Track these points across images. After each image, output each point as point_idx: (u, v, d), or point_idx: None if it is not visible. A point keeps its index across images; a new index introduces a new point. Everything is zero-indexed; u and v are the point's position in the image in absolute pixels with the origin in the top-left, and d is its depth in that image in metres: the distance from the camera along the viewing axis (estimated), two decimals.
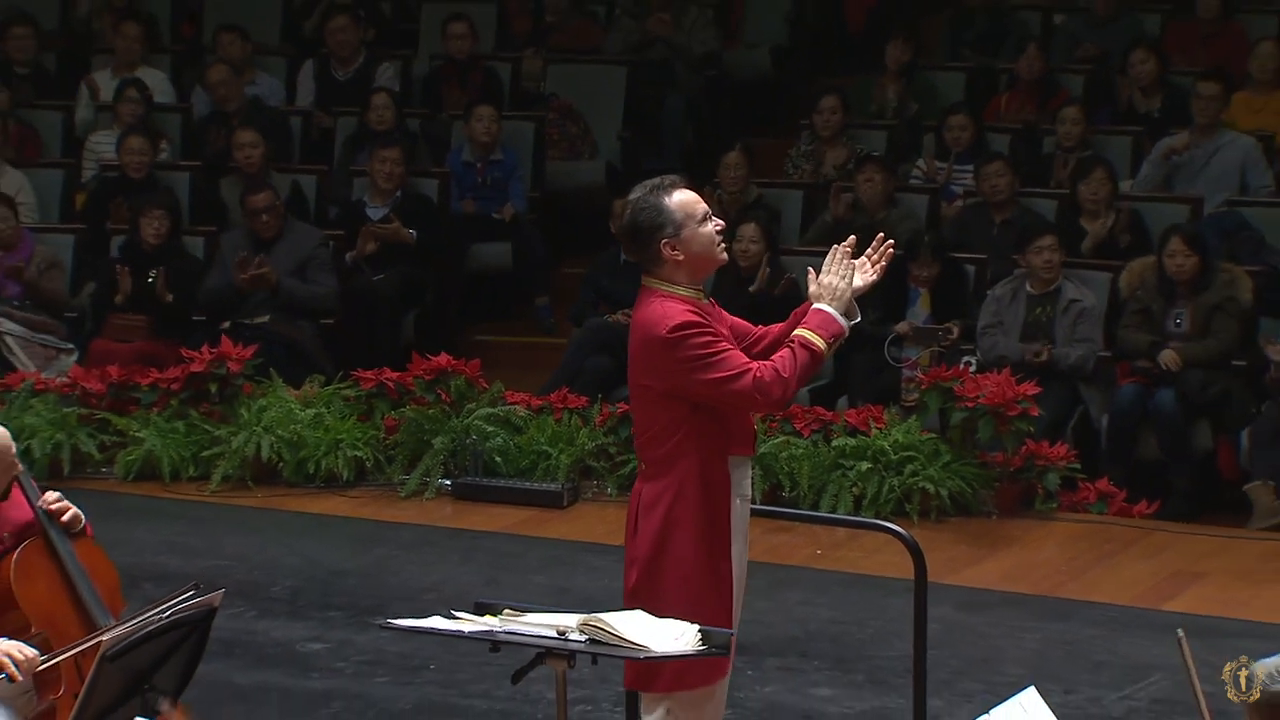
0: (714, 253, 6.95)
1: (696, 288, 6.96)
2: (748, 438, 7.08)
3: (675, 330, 6.82)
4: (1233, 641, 7.68)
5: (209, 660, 7.11)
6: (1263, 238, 12.76)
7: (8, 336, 13.10)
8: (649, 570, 6.93)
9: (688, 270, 6.93)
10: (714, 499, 6.96)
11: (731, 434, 6.98)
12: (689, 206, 6.92)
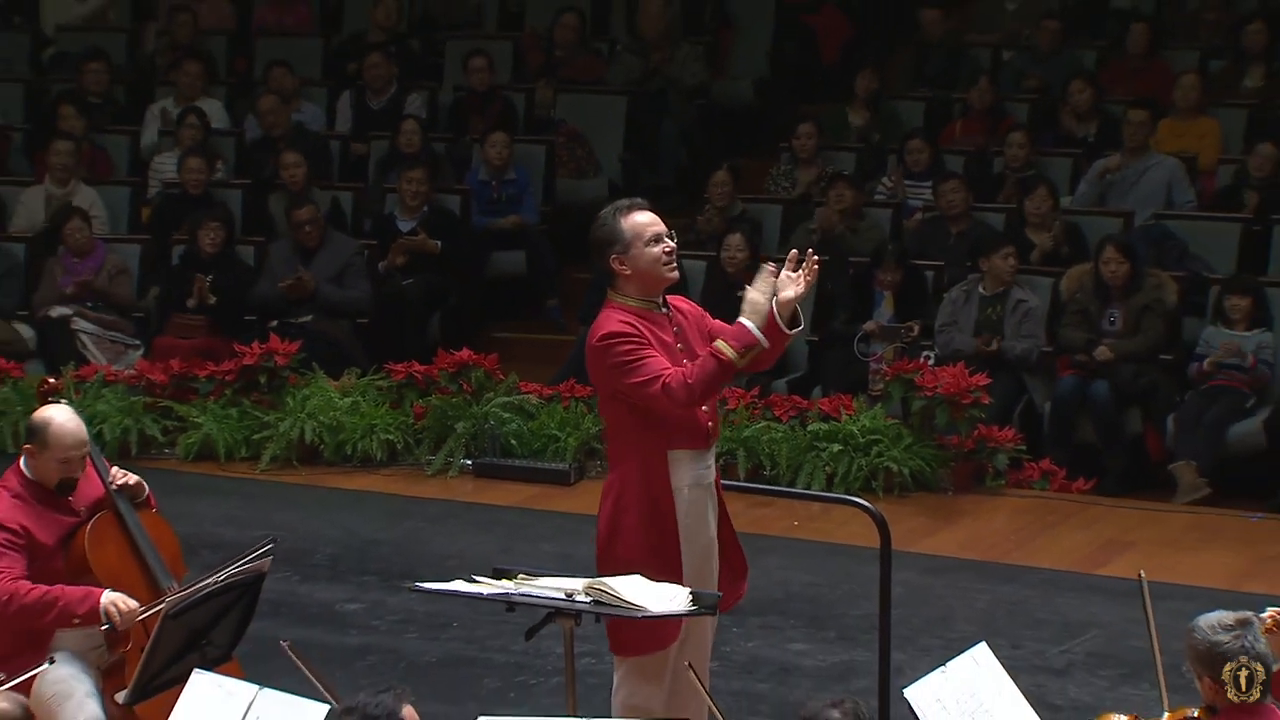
0: (658, 271, 6.95)
1: (648, 300, 6.97)
2: (695, 434, 7.00)
3: (603, 339, 6.89)
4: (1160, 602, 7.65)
5: (258, 619, 7.15)
6: (1186, 247, 12.76)
7: (82, 334, 13.13)
8: (605, 551, 7.00)
9: (636, 284, 6.96)
10: (654, 490, 6.97)
11: (673, 432, 6.97)
12: (639, 228, 6.94)
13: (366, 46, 15.39)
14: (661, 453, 7.00)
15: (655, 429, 6.98)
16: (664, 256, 6.94)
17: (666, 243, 6.95)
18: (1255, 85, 14.17)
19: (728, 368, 6.80)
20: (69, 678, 7.23)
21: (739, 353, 6.79)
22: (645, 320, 6.93)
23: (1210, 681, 5.69)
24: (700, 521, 7.04)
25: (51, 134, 14.42)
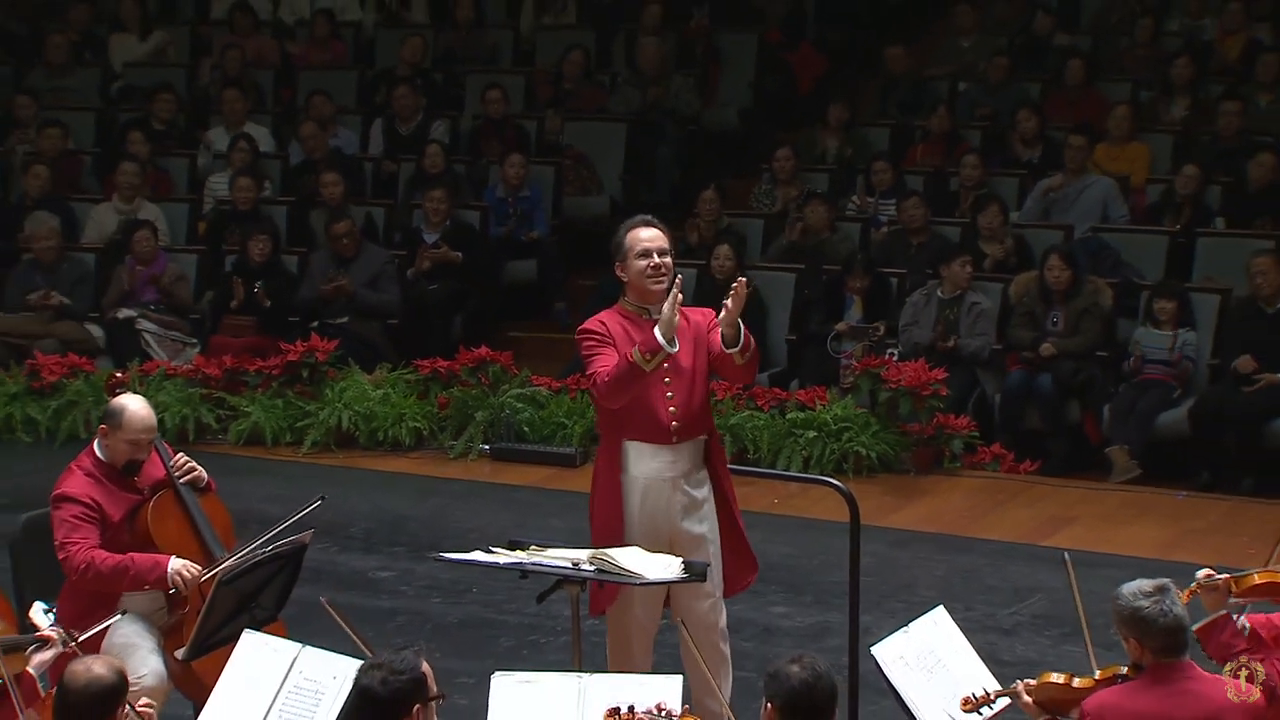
0: (643, 283, 7.01)
1: (642, 306, 7.02)
2: (652, 428, 7.00)
3: (578, 333, 7.09)
4: (1098, 570, 7.67)
5: (301, 585, 7.14)
6: (1120, 256, 12.77)
7: (145, 333, 13.13)
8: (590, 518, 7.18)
9: (632, 291, 7.06)
10: (611, 474, 7.07)
11: (627, 422, 7.01)
12: (634, 241, 7.00)
13: (396, 79, 15.39)
14: (619, 441, 7.07)
15: (614, 417, 7.06)
16: (649, 270, 6.96)
17: (654, 259, 6.96)
18: (1180, 114, 14.17)
19: (634, 369, 6.79)
20: (134, 636, 7.23)
21: (644, 357, 6.77)
22: (630, 323, 6.98)
23: (1135, 642, 5.69)
24: (659, 514, 7.05)
25: (119, 157, 14.45)
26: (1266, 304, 11.69)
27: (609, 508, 7.09)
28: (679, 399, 6.97)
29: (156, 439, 7.47)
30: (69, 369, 12.55)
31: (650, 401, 6.97)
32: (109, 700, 5.45)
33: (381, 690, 5.35)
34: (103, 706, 5.43)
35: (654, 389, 6.94)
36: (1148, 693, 5.65)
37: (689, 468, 7.09)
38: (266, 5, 16.86)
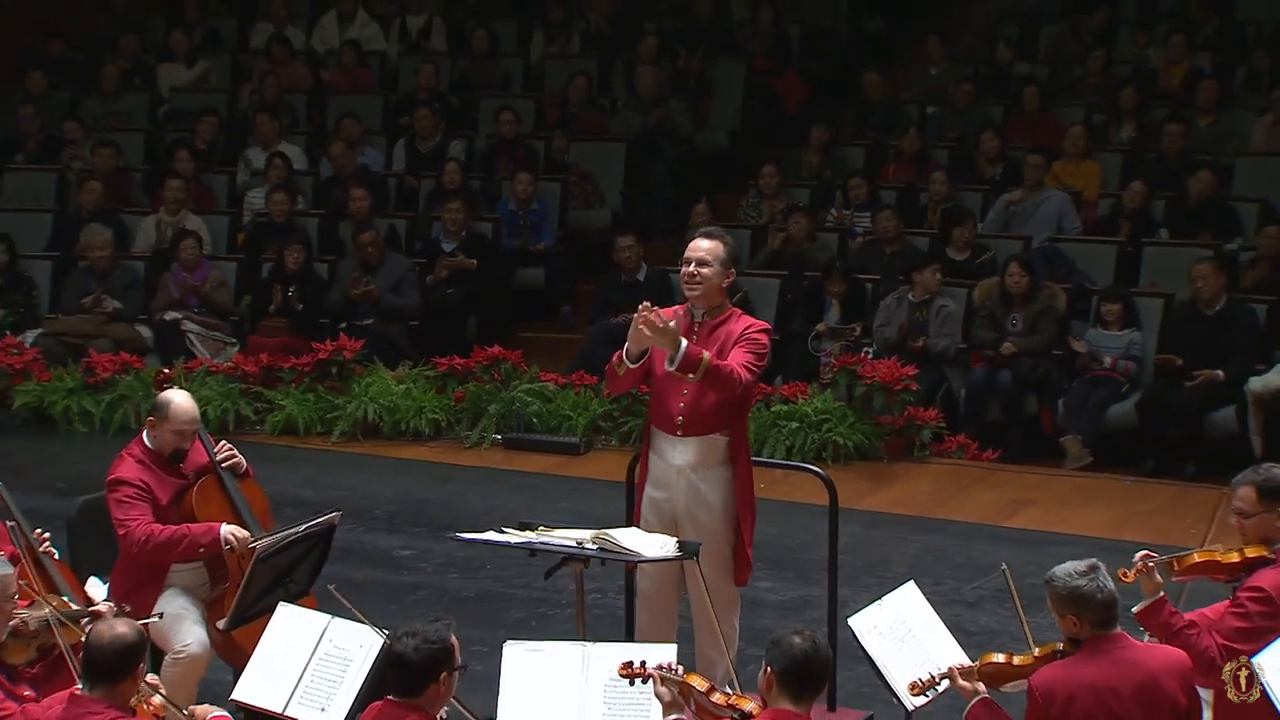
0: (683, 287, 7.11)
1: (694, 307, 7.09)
2: (665, 420, 7.04)
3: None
4: (1053, 548, 7.68)
5: (331, 562, 7.15)
6: (1074, 264, 12.76)
7: (190, 334, 13.12)
8: None
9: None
10: (644, 452, 7.17)
11: (652, 414, 7.13)
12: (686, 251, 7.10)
13: (417, 103, 15.38)
14: (649, 425, 7.16)
15: (649, 405, 7.22)
16: (684, 277, 7.07)
17: (689, 266, 7.02)
18: (1128, 136, 14.17)
19: (612, 369, 6.96)
20: (180, 608, 7.24)
21: (617, 361, 6.88)
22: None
23: (1073, 618, 5.68)
24: (665, 494, 7.07)
25: (166, 174, 14.44)
26: (1205, 306, 11.68)
27: (640, 479, 7.19)
28: (690, 398, 6.94)
29: (200, 429, 7.48)
30: (121, 366, 12.54)
31: (666, 396, 7.00)
32: (129, 656, 5.48)
33: (414, 656, 5.39)
34: (123, 661, 5.46)
35: (673, 385, 6.93)
36: (1089, 663, 5.64)
37: (697, 461, 7.04)
38: (300, 36, 16.84)
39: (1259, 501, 6.20)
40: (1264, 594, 5.99)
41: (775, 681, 5.37)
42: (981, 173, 14.07)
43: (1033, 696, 5.63)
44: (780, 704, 5.36)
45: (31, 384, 12.58)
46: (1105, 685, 5.56)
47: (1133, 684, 5.59)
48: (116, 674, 5.43)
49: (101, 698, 5.43)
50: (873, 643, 6.33)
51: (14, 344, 12.93)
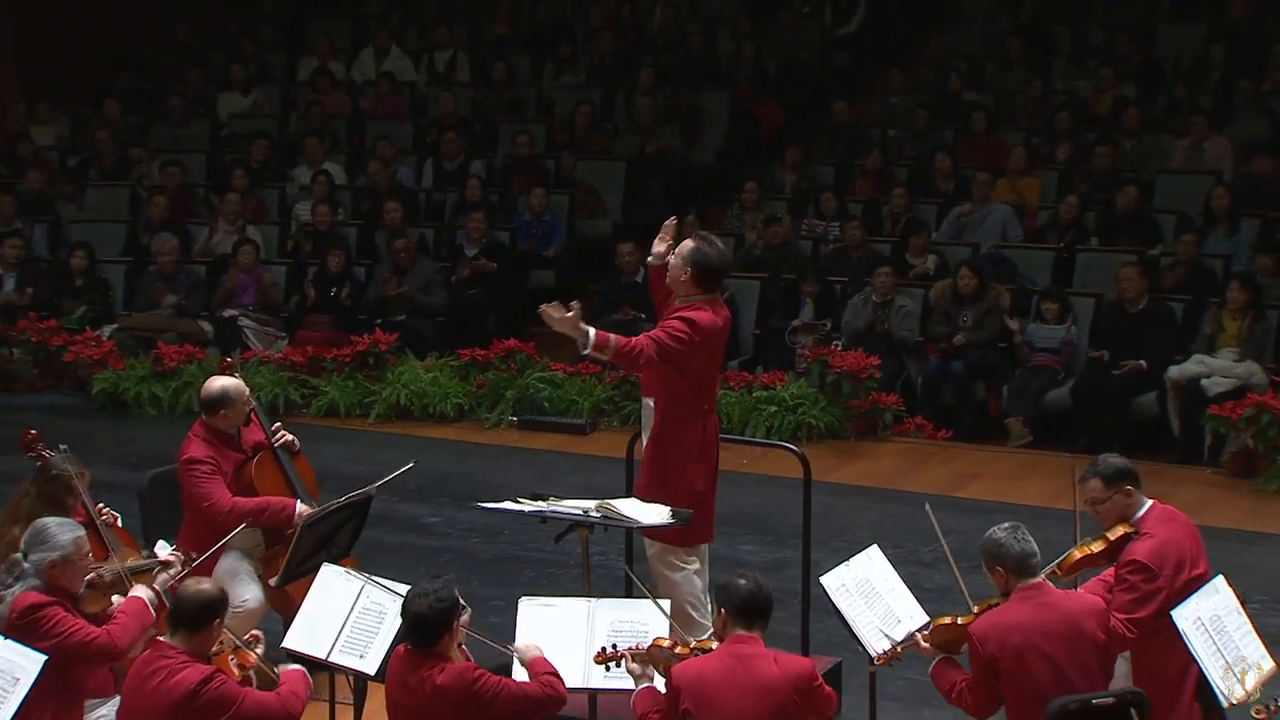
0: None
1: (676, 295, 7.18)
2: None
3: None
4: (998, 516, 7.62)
5: (368, 528, 7.14)
6: (1017, 268, 12.77)
7: (245, 328, 13.12)
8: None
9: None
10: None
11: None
12: None
13: (443, 127, 15.37)
14: None
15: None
16: None
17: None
18: (1063, 156, 14.16)
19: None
20: (238, 567, 7.27)
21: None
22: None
23: (1000, 570, 5.75)
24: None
25: (225, 189, 14.46)
26: (1130, 305, 11.69)
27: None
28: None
29: (257, 409, 7.51)
30: (185, 356, 12.56)
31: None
32: (211, 608, 5.50)
33: (430, 613, 5.43)
34: (206, 612, 5.48)
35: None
36: (1017, 608, 5.70)
37: (644, 421, 7.25)
38: (341, 69, 16.82)
39: (1105, 489, 6.21)
40: (1139, 564, 5.97)
41: (729, 617, 5.48)
42: (936, 188, 14.05)
43: (972, 642, 5.68)
44: (736, 633, 5.46)
45: (108, 372, 12.58)
46: (1032, 625, 5.62)
47: (1056, 624, 5.66)
48: (197, 623, 5.46)
49: (180, 645, 5.44)
50: (841, 598, 6.32)
51: (93, 337, 12.94)
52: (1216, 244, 12.55)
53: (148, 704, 5.37)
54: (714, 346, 7.15)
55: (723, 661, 5.39)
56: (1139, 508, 6.16)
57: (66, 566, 5.85)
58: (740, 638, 5.42)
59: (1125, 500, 6.16)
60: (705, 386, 7.16)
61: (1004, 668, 5.61)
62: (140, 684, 5.43)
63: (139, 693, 5.42)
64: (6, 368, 12.86)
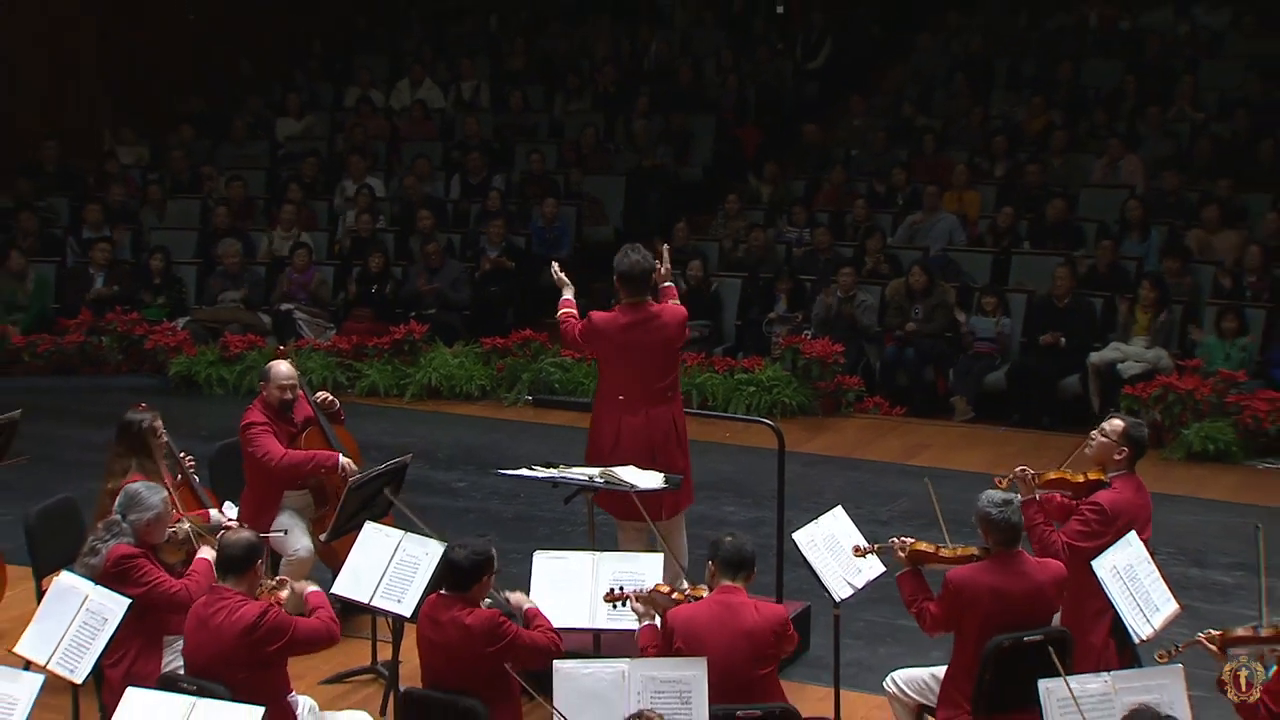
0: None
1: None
2: None
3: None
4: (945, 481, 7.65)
5: (404, 491, 7.13)
6: (961, 268, 12.76)
7: (299, 320, 13.11)
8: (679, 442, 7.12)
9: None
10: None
11: None
12: None
13: (468, 147, 15.34)
14: None
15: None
16: None
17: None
18: (1000, 172, 14.15)
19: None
20: (292, 524, 7.29)
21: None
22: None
23: (985, 533, 5.75)
24: None
25: (281, 201, 14.42)
26: (1059, 300, 11.70)
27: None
28: None
29: (305, 388, 7.53)
30: (248, 344, 12.54)
31: None
32: (253, 551, 5.56)
33: (465, 563, 5.45)
34: (250, 555, 5.52)
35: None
36: (992, 572, 5.70)
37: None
38: (381, 97, 16.79)
39: (1119, 436, 6.24)
40: (1099, 507, 6.10)
41: (717, 569, 5.50)
42: (892, 199, 14.03)
43: (948, 587, 5.68)
44: (722, 583, 5.49)
45: (182, 358, 12.58)
46: (1002, 589, 5.64)
47: (1023, 589, 5.66)
48: (243, 565, 5.50)
49: (233, 586, 5.47)
50: (810, 551, 6.33)
51: (169, 328, 12.93)
52: (1130, 248, 12.54)
53: (214, 638, 5.38)
54: (614, 342, 6.98)
55: (711, 608, 5.42)
56: (1121, 469, 6.21)
57: (157, 524, 6.00)
58: (727, 588, 5.46)
59: (1117, 455, 6.22)
60: (614, 380, 7.03)
61: (970, 615, 5.64)
62: (203, 622, 5.44)
63: (203, 629, 5.44)
64: (96, 353, 12.84)
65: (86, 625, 5.64)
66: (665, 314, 6.97)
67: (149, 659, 5.86)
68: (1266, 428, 10.44)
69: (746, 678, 5.34)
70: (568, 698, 5.14)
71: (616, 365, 7.06)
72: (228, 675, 5.30)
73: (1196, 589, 7.98)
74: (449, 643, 5.43)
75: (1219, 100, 14.44)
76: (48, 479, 7.74)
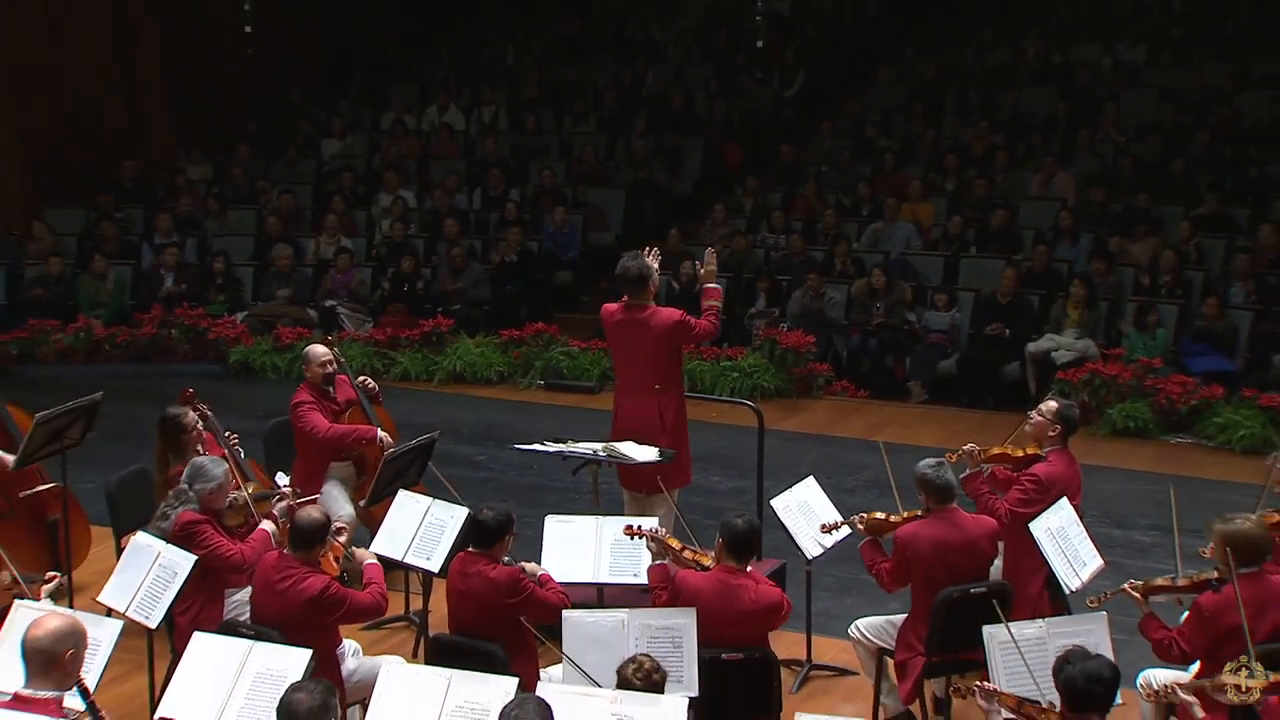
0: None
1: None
2: None
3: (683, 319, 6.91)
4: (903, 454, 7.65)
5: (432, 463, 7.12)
6: (917, 269, 12.73)
7: (341, 315, 13.08)
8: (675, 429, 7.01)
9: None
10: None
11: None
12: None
13: (488, 165, 15.29)
14: None
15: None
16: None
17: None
18: (951, 187, 14.10)
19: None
20: (337, 493, 7.28)
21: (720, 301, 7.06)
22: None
23: (924, 495, 5.76)
24: None
25: (326, 211, 14.38)
26: (1002, 297, 11.70)
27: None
28: None
29: (347, 370, 7.52)
30: (297, 335, 12.50)
31: None
32: (321, 530, 5.51)
33: (491, 523, 5.46)
34: (319, 533, 5.49)
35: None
36: (933, 526, 5.71)
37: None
38: (413, 120, 16.74)
39: (1053, 415, 6.27)
40: (1037, 478, 6.12)
41: (724, 549, 5.43)
42: (857, 210, 14.00)
43: (896, 544, 5.71)
44: (728, 562, 5.38)
45: (240, 347, 12.57)
46: (941, 540, 5.66)
47: (960, 540, 5.68)
48: (311, 542, 5.47)
49: (299, 558, 5.45)
50: (785, 516, 6.35)
51: (229, 321, 12.92)
52: (1063, 252, 12.52)
53: (280, 602, 5.38)
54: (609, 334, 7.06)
55: (714, 585, 5.36)
56: (1055, 444, 6.22)
57: (219, 492, 6.01)
58: (729, 568, 5.37)
59: (1051, 432, 6.23)
60: (616, 368, 7.12)
61: (916, 566, 5.66)
62: (270, 586, 5.43)
63: (270, 592, 5.43)
64: (166, 344, 12.85)
65: (159, 579, 5.67)
66: (656, 316, 6.91)
67: (212, 608, 5.88)
68: (1179, 407, 10.47)
69: (738, 644, 5.33)
70: (575, 643, 5.15)
71: (615, 355, 7.13)
72: (289, 632, 5.29)
73: (1119, 547, 8.01)
74: (474, 593, 5.43)
75: (1137, 125, 14.45)
76: (125, 452, 7.74)
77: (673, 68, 17.48)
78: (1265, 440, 9.80)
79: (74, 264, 13.64)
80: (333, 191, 14.94)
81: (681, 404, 7.06)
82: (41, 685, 4.24)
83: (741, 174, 15.26)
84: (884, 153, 14.71)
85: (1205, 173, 13.39)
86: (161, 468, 6.65)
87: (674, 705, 4.47)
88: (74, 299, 13.17)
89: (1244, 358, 11.01)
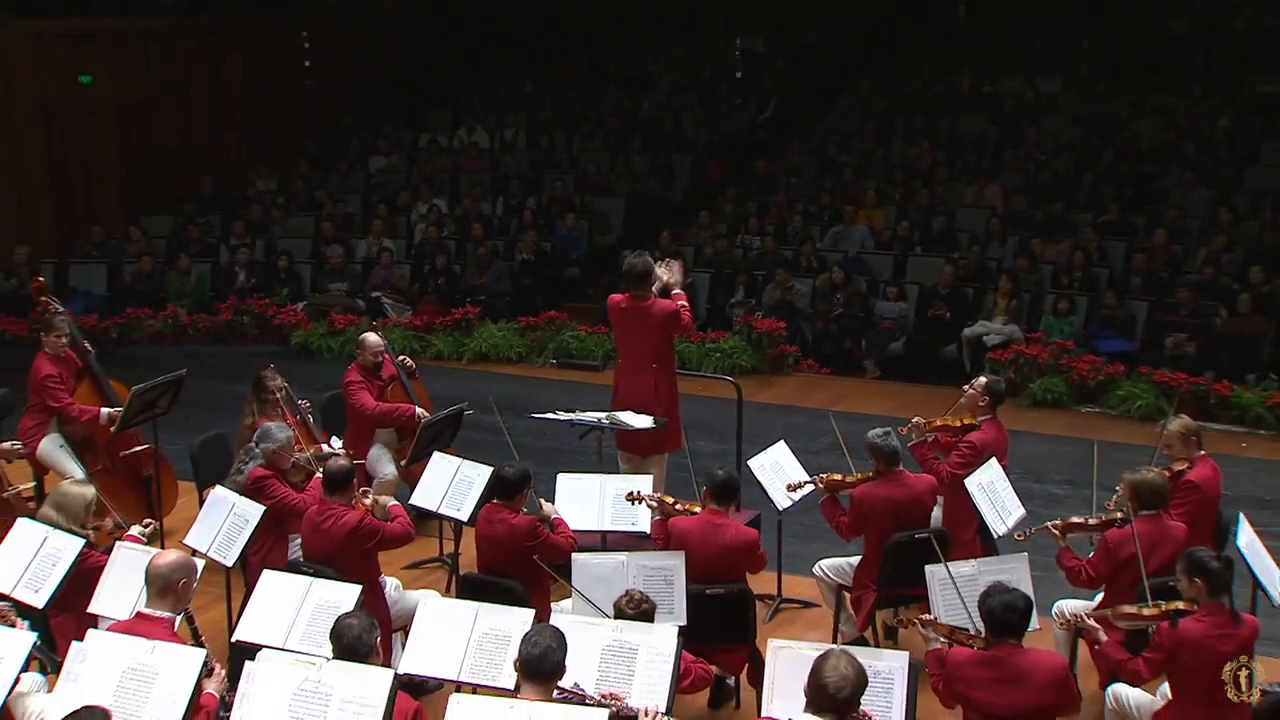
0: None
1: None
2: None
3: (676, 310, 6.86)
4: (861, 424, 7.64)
5: (462, 430, 7.11)
6: (872, 266, 12.67)
7: (385, 304, 13.00)
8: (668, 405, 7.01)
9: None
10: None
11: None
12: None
13: (509, 177, 15.22)
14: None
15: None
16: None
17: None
18: (899, 196, 14.04)
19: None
20: (382, 453, 7.28)
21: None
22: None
23: (873, 459, 5.78)
24: None
25: (372, 217, 14.31)
26: (942, 289, 11.69)
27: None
28: None
29: (391, 352, 7.51)
30: (348, 322, 12.45)
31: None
32: (348, 475, 5.53)
33: (513, 477, 5.47)
34: (346, 477, 5.51)
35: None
36: (883, 486, 5.73)
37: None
38: (445, 140, 16.68)
39: (983, 391, 6.28)
40: (972, 444, 6.14)
41: (708, 494, 5.45)
42: (821, 215, 13.95)
43: (853, 501, 5.73)
44: (712, 505, 5.42)
45: (301, 332, 12.51)
46: (891, 497, 5.69)
47: (906, 496, 5.70)
48: (343, 485, 5.49)
49: (336, 500, 5.47)
50: (760, 474, 6.35)
51: (291, 310, 12.84)
52: (993, 252, 12.51)
53: (325, 538, 5.41)
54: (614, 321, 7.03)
55: (699, 525, 5.42)
56: (986, 414, 6.24)
57: (282, 452, 6.04)
58: (714, 510, 5.44)
59: (982, 403, 6.25)
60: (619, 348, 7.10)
61: (871, 521, 5.67)
62: (316, 527, 5.47)
63: (316, 532, 5.45)
64: (239, 329, 12.82)
65: (234, 525, 5.71)
66: (655, 307, 6.96)
67: (279, 549, 5.90)
68: (1088, 382, 10.49)
69: (722, 578, 5.36)
70: (582, 580, 5.19)
71: (619, 339, 7.11)
72: (336, 564, 5.32)
73: (1037, 499, 8.01)
74: (498, 537, 5.46)
75: (1055, 145, 14.46)
76: (206, 420, 7.76)
77: (664, 96, 17.42)
78: (1159, 409, 9.81)
79: (163, 262, 13.61)
80: (378, 200, 14.86)
81: (673, 380, 7.09)
82: (159, 606, 4.38)
83: (723, 186, 15.20)
84: (843, 168, 14.66)
85: (1110, 186, 13.46)
86: (248, 416, 6.76)
87: (666, 632, 4.49)
88: (163, 291, 13.15)
89: (1141, 340, 11.05)
